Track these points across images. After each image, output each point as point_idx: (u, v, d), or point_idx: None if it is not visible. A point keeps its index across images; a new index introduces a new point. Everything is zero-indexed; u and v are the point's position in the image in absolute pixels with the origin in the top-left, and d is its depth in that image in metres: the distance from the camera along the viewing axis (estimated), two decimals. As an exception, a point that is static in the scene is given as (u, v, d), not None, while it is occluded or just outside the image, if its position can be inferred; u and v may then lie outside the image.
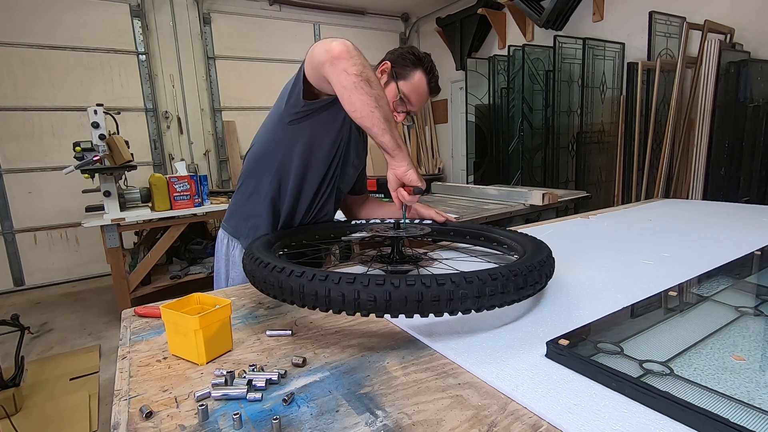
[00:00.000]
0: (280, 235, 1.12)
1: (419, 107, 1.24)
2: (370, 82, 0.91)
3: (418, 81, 1.20)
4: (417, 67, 1.20)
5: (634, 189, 3.44)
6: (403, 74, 1.20)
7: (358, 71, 0.90)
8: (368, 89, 0.91)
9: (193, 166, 5.09)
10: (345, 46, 0.91)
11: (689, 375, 0.58)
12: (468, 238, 1.23)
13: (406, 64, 1.20)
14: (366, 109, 0.91)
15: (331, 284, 0.68)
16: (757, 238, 1.34)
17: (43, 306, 3.95)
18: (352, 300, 0.67)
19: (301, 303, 0.72)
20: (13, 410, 2.17)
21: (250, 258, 0.84)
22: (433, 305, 0.67)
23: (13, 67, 4.18)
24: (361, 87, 0.90)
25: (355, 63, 0.90)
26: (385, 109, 0.92)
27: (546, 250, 0.90)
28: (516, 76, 4.28)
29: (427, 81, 1.22)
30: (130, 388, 0.64)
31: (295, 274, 0.71)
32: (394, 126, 0.95)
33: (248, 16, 5.33)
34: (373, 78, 0.92)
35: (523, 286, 0.74)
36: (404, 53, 1.22)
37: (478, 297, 0.69)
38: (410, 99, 1.21)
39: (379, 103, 0.91)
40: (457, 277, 0.68)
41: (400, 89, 1.19)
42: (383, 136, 0.93)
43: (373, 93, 0.91)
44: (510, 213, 2.51)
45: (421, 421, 0.54)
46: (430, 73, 1.22)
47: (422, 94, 1.22)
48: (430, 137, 6.52)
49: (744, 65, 2.83)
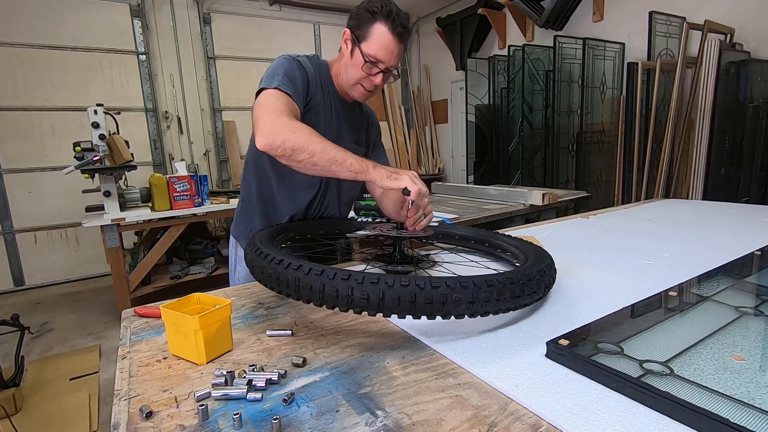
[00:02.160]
0: (283, 228, 1.12)
1: (395, 60, 1.14)
2: (295, 149, 0.96)
3: (378, 34, 1.10)
4: (374, 20, 1.09)
5: (634, 189, 3.44)
6: (362, 35, 1.11)
7: (282, 153, 0.97)
8: (299, 156, 0.96)
9: (193, 166, 5.08)
10: (261, 141, 0.97)
11: (689, 375, 0.58)
12: (472, 243, 1.23)
13: (363, 22, 1.11)
14: (314, 169, 0.98)
15: (326, 279, 0.68)
16: (757, 238, 1.34)
17: (43, 306, 3.94)
18: (346, 297, 0.67)
19: (296, 296, 0.72)
20: (13, 410, 2.17)
21: (251, 248, 0.85)
22: (426, 307, 0.67)
23: (14, 67, 4.18)
24: (297, 157, 0.96)
25: (279, 147, 0.96)
26: (326, 155, 0.95)
27: (547, 259, 0.90)
28: (516, 76, 4.28)
29: (389, 29, 1.09)
30: (130, 388, 0.64)
31: (293, 267, 0.72)
32: (344, 157, 0.96)
33: (248, 16, 5.33)
34: (297, 138, 0.95)
35: (520, 295, 0.74)
36: (358, 11, 1.12)
37: (471, 302, 0.68)
38: (378, 57, 1.11)
39: (314, 158, 0.95)
40: (452, 281, 0.68)
41: (364, 52, 1.11)
42: (342, 173, 0.97)
43: (303, 156, 0.96)
44: (510, 213, 2.51)
45: (421, 421, 0.54)
46: (389, 19, 1.09)
47: (388, 45, 1.10)
48: (430, 137, 6.52)
49: (744, 65, 2.83)
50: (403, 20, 1.11)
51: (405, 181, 0.94)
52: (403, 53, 1.15)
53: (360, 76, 1.14)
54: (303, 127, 0.98)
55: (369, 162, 0.98)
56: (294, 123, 0.99)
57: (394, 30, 1.09)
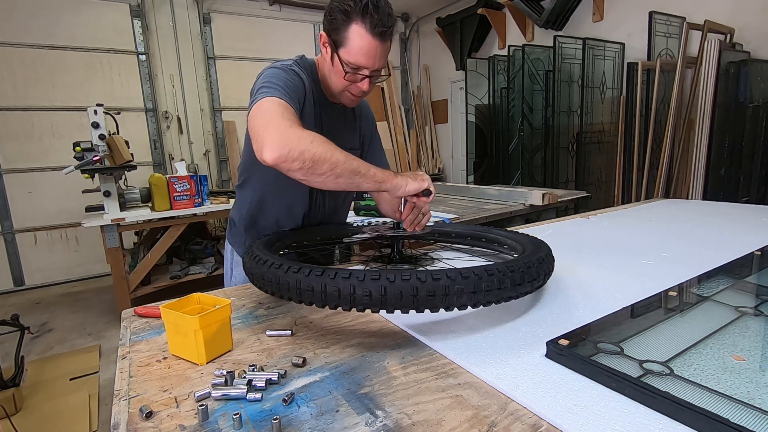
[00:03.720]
0: (281, 235, 1.12)
1: (380, 63, 1.01)
2: (316, 160, 0.83)
3: (356, 38, 0.96)
4: (349, 22, 0.95)
5: (634, 189, 3.44)
6: (339, 40, 0.98)
7: (300, 165, 0.84)
8: (321, 168, 0.84)
9: (193, 166, 5.08)
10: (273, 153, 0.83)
11: (689, 375, 0.58)
12: (469, 239, 1.23)
13: (338, 25, 0.97)
14: (337, 183, 0.87)
15: (327, 279, 0.68)
16: (757, 238, 1.34)
17: (43, 306, 3.94)
18: (348, 295, 0.67)
19: (298, 299, 0.72)
20: (13, 410, 2.17)
21: (249, 256, 0.85)
22: (429, 300, 0.67)
23: (13, 67, 4.17)
24: (314, 173, 0.85)
25: (297, 159, 0.83)
26: (349, 166, 0.86)
27: (545, 248, 0.90)
28: (516, 76, 4.28)
29: (367, 29, 0.95)
30: (130, 388, 0.64)
31: (292, 270, 0.72)
32: (367, 167, 0.90)
33: (248, 16, 5.33)
34: (316, 149, 0.84)
35: (521, 283, 0.74)
36: (332, 13, 0.98)
37: (474, 292, 0.68)
38: (359, 63, 0.99)
39: (337, 169, 0.85)
40: (453, 273, 0.68)
41: (343, 60, 0.99)
42: (365, 184, 0.89)
43: (325, 168, 0.84)
44: (510, 213, 2.51)
45: (421, 421, 0.54)
46: (365, 17, 0.94)
47: (369, 50, 0.97)
48: (430, 137, 6.52)
49: (744, 65, 2.83)
50: (383, 16, 0.95)
51: (428, 182, 0.95)
52: (388, 51, 1.02)
53: (344, 85, 1.05)
54: (319, 137, 0.87)
55: (388, 171, 0.94)
56: (309, 132, 0.87)
57: (374, 30, 0.95)
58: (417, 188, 0.94)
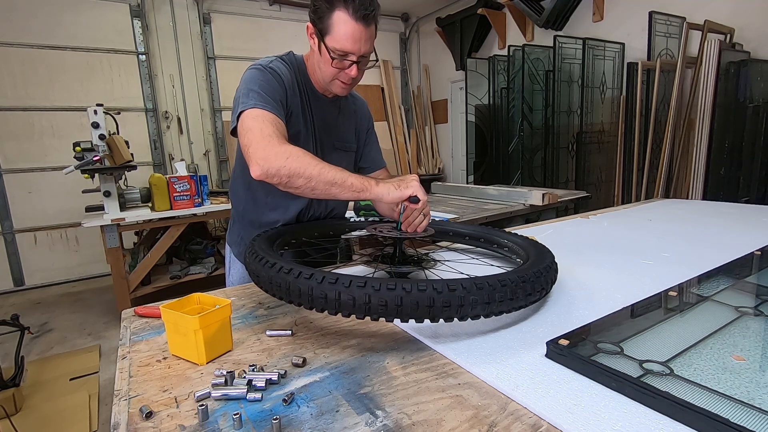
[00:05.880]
0: (281, 232, 1.12)
1: (366, 47, 1.04)
2: (291, 175, 0.91)
3: (340, 24, 1.00)
4: (332, 9, 1.00)
5: (634, 189, 3.44)
6: (324, 28, 1.03)
7: (278, 180, 0.93)
8: (296, 182, 0.92)
9: (193, 166, 5.08)
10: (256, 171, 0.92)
11: (689, 375, 0.58)
12: (467, 239, 1.23)
13: (322, 13, 1.02)
14: (314, 194, 0.94)
15: (342, 288, 0.67)
16: (757, 238, 1.34)
17: (43, 306, 3.94)
18: (363, 304, 0.66)
19: (309, 305, 0.70)
20: (13, 410, 2.17)
21: (254, 257, 0.83)
22: (444, 311, 0.67)
23: (13, 67, 4.17)
24: (291, 186, 0.93)
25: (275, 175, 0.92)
26: (323, 178, 0.91)
27: (549, 255, 0.90)
28: (516, 76, 4.28)
29: (350, 15, 0.99)
30: (130, 388, 0.64)
31: (304, 276, 0.70)
32: (343, 177, 0.93)
33: (248, 16, 5.33)
34: (291, 164, 0.91)
35: (531, 293, 0.75)
36: (315, 2, 1.03)
37: (488, 303, 0.69)
38: (345, 49, 1.03)
39: (311, 183, 0.91)
40: (468, 283, 0.68)
41: (329, 47, 1.03)
42: (343, 194, 0.93)
43: (300, 182, 0.92)
44: (510, 213, 2.51)
45: (421, 421, 0.54)
46: (348, 1, 0.99)
47: (353, 34, 1.01)
48: (430, 137, 6.52)
49: (744, 65, 2.83)
50: (364, 0, 0.99)
51: (413, 188, 0.92)
52: (374, 36, 1.05)
53: (333, 72, 1.08)
54: (296, 151, 0.93)
55: (370, 179, 0.94)
56: (286, 147, 0.94)
57: (356, 15, 0.99)
58: (399, 197, 0.92)
